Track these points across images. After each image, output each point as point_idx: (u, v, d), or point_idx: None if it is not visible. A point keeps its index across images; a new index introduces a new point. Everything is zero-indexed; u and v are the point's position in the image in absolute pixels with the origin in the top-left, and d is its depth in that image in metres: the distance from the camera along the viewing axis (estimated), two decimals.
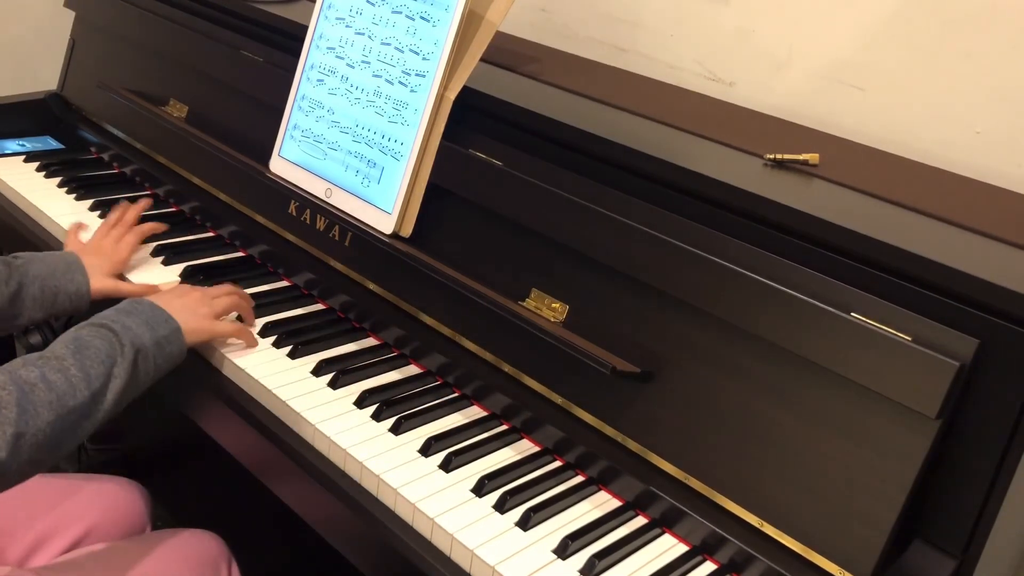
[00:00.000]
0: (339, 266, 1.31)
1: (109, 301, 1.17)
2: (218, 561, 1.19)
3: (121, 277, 1.32)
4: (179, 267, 1.36)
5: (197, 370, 1.17)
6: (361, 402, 1.11)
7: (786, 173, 1.14)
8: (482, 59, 1.19)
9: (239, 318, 1.23)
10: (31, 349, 1.88)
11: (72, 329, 1.02)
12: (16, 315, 1.18)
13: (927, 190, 1.19)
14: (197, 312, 1.14)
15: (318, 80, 1.33)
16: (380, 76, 1.26)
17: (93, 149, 1.72)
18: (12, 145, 1.69)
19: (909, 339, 0.87)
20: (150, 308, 1.08)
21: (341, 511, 1.00)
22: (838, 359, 0.90)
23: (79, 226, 1.39)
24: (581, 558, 0.93)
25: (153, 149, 1.61)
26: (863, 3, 1.38)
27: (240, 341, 1.19)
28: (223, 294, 1.20)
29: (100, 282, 1.25)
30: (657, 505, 1.00)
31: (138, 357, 1.02)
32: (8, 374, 0.91)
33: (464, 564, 0.92)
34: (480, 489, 1.00)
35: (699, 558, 0.97)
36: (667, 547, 0.98)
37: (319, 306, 1.32)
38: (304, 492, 1.05)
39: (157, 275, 1.34)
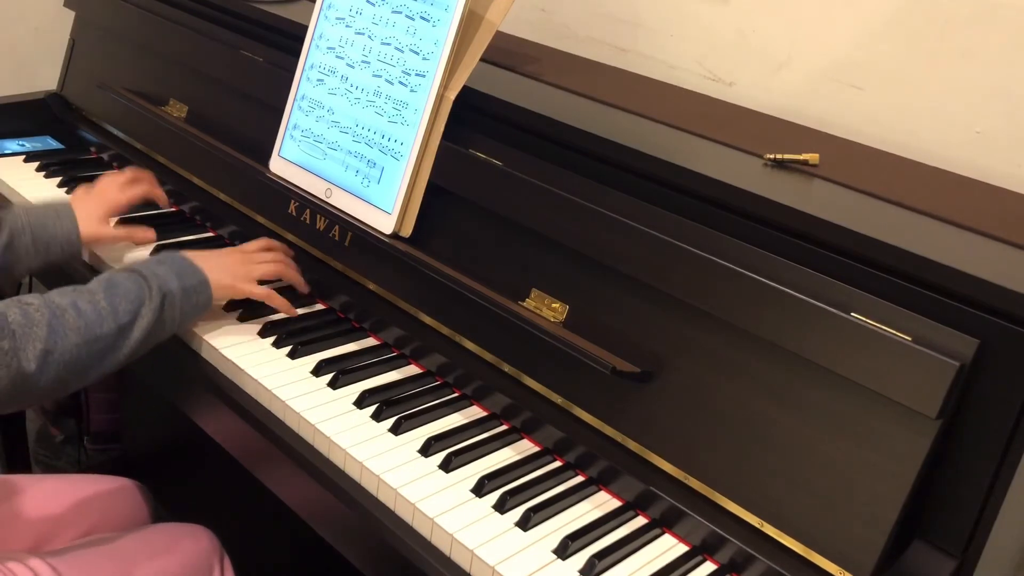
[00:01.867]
0: (339, 266, 1.31)
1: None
2: (210, 556, 1.20)
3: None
4: None
5: (197, 370, 1.17)
6: (361, 402, 1.11)
7: (786, 173, 1.14)
8: (482, 59, 1.19)
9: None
10: None
11: (106, 272, 1.09)
12: (11, 264, 1.22)
13: (927, 190, 1.19)
14: (232, 271, 1.18)
15: (318, 80, 1.33)
16: (380, 76, 1.26)
17: (93, 149, 1.72)
18: (12, 145, 1.69)
19: (909, 339, 0.87)
20: (181, 260, 1.14)
21: (341, 511, 1.00)
22: (838, 359, 0.90)
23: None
24: (581, 558, 0.93)
25: (153, 149, 1.61)
26: (863, 3, 1.38)
27: (244, 339, 1.19)
28: (265, 261, 1.23)
29: (89, 228, 1.28)
30: (657, 505, 1.00)
31: (165, 302, 1.08)
32: (41, 298, 0.99)
33: (464, 564, 0.92)
34: (480, 489, 1.00)
35: (699, 558, 0.97)
36: (667, 547, 0.98)
37: (319, 306, 1.32)
38: (304, 492, 1.05)
39: None
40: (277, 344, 1.19)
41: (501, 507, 0.98)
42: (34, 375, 0.95)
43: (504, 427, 1.12)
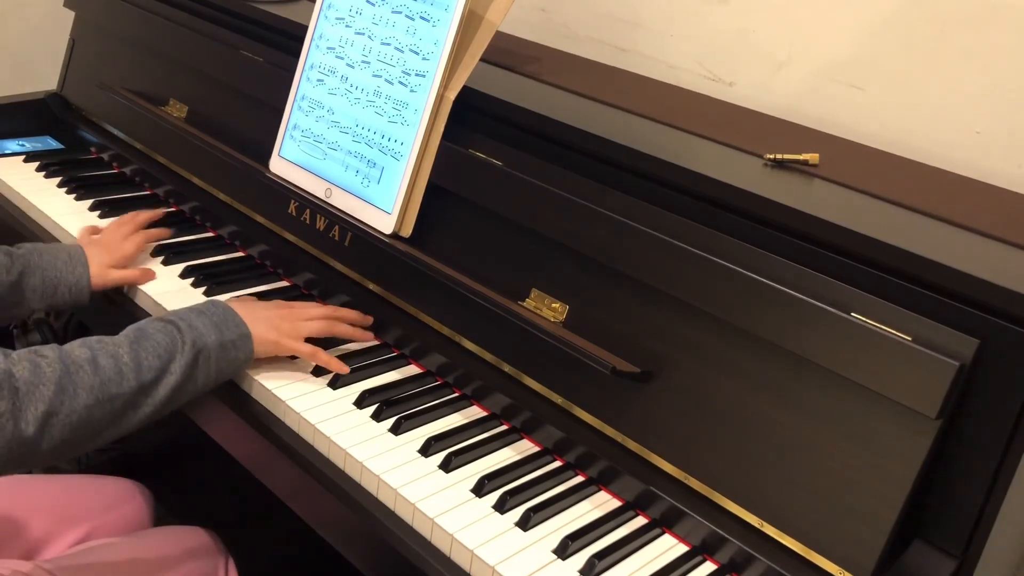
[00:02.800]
0: (339, 266, 1.31)
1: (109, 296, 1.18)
2: (215, 557, 1.19)
3: None
4: (179, 267, 1.35)
5: None
6: (361, 402, 1.11)
7: (786, 173, 1.14)
8: (482, 59, 1.19)
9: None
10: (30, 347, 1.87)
11: (141, 321, 1.04)
12: (16, 303, 1.19)
13: (927, 190, 1.19)
14: (278, 326, 1.12)
15: (318, 80, 1.33)
16: (380, 76, 1.26)
17: (93, 149, 1.72)
18: (12, 145, 1.69)
19: (909, 339, 0.87)
20: (223, 311, 1.08)
21: (341, 511, 1.00)
22: (838, 359, 0.90)
23: (92, 228, 1.39)
24: (581, 558, 0.93)
25: (153, 149, 1.61)
26: (863, 3, 1.38)
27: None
28: (317, 317, 1.17)
29: (101, 274, 1.25)
30: (657, 505, 1.00)
31: (199, 357, 1.02)
32: (59, 351, 0.93)
33: (464, 564, 0.92)
34: (480, 489, 1.00)
35: (699, 558, 0.97)
36: (667, 547, 0.98)
37: None
38: (304, 492, 1.05)
39: (157, 276, 1.34)
40: None
41: (501, 507, 0.98)
42: (33, 438, 0.89)
43: (504, 427, 1.12)
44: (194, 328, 1.03)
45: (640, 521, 1.01)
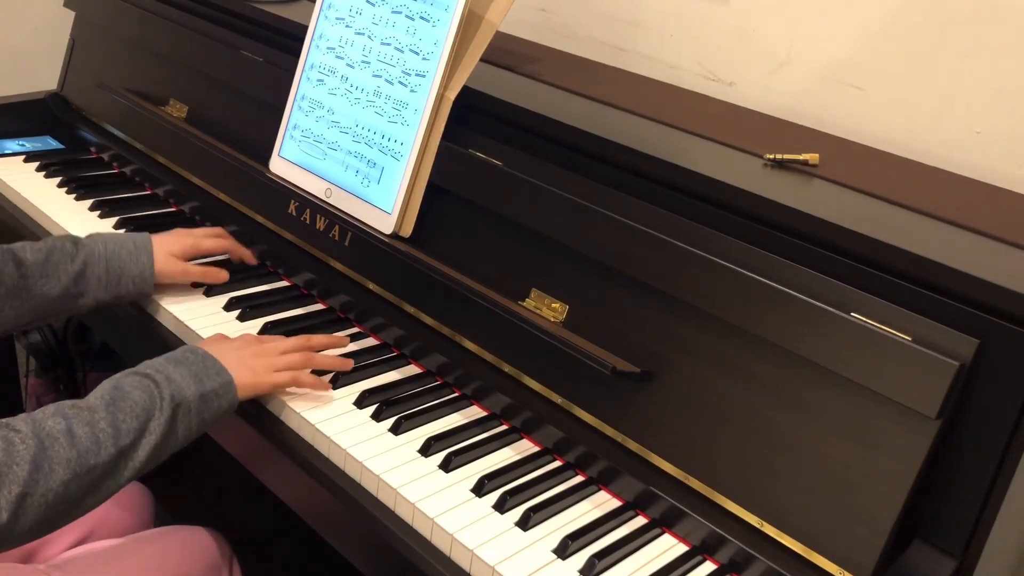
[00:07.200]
0: (339, 266, 1.31)
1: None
2: (220, 559, 1.19)
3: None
4: None
5: None
6: (361, 402, 1.11)
7: (786, 173, 1.14)
8: (482, 59, 1.19)
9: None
10: (32, 348, 1.88)
11: (115, 376, 0.98)
12: (80, 294, 1.17)
13: (927, 190, 1.19)
14: (252, 366, 1.07)
15: (318, 80, 1.33)
16: (380, 76, 1.26)
17: (93, 149, 1.72)
18: (12, 145, 1.69)
19: (909, 339, 0.87)
20: (203, 359, 1.03)
21: (341, 511, 1.00)
22: (838, 359, 0.90)
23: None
24: (581, 558, 0.93)
25: (153, 149, 1.61)
26: (863, 3, 1.38)
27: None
28: (291, 349, 1.12)
29: (167, 262, 1.24)
30: (657, 505, 1.00)
31: (178, 412, 0.97)
32: (32, 424, 0.87)
33: (464, 564, 0.93)
34: (480, 489, 1.00)
35: (699, 558, 0.97)
36: (667, 547, 0.98)
37: (319, 306, 1.32)
38: (304, 492, 1.05)
39: None
40: None
41: (501, 507, 0.98)
42: (7, 524, 0.82)
43: (504, 427, 1.12)
44: (172, 381, 0.98)
45: (640, 521, 1.01)
